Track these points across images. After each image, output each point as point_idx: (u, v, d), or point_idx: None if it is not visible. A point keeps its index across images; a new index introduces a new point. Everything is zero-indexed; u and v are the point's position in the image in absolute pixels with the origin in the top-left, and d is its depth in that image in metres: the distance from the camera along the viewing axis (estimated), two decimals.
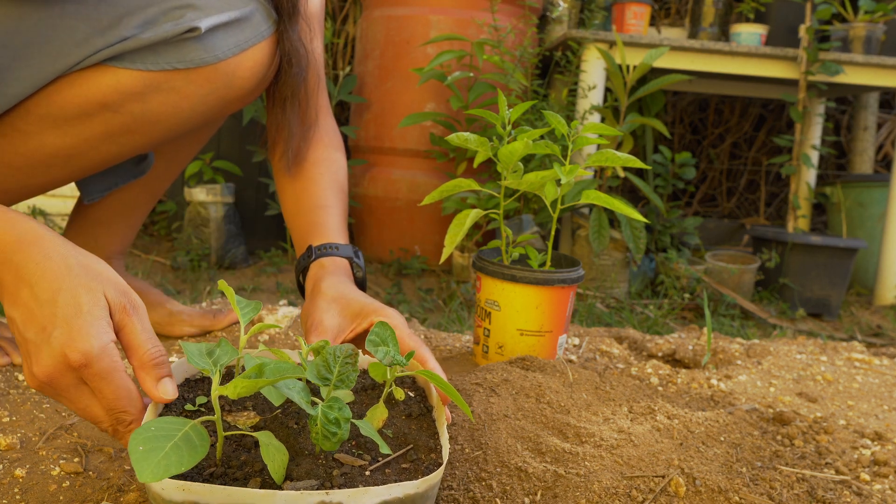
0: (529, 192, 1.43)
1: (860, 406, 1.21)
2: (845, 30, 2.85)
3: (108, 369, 0.67)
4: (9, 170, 1.00)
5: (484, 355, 1.24)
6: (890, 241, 2.85)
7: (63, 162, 1.01)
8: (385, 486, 0.61)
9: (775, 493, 0.83)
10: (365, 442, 0.72)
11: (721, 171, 4.22)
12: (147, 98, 0.97)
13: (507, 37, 2.75)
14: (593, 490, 0.78)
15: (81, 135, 0.98)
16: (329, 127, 1.20)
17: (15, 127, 0.97)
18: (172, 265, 2.63)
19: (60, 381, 0.67)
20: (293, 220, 1.15)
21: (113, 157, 1.04)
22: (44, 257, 0.70)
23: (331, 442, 0.64)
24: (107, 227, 1.29)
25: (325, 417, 0.65)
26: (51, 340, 0.66)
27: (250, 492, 0.58)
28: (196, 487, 0.59)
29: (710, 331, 1.44)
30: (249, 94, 1.05)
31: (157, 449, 0.57)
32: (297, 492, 0.59)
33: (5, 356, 1.13)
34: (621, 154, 1.15)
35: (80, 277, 0.69)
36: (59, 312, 0.67)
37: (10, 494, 0.76)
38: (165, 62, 0.95)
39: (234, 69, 1.00)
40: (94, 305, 0.68)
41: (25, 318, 0.68)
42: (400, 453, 0.71)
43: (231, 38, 0.99)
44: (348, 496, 0.59)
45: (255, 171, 2.90)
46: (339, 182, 1.17)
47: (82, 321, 0.67)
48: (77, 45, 0.92)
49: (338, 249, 1.07)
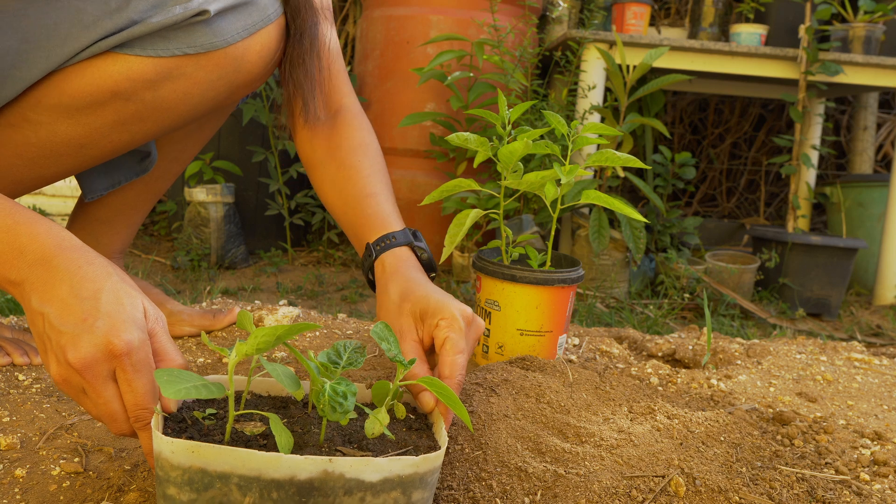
0: (529, 192, 1.43)
1: (860, 406, 1.21)
2: (845, 30, 2.85)
3: (145, 362, 0.70)
4: (20, 160, 1.00)
5: (484, 355, 1.24)
6: (890, 241, 2.85)
7: (75, 151, 1.01)
8: (387, 460, 0.63)
9: (775, 493, 0.83)
10: (367, 444, 0.73)
11: (721, 171, 4.22)
12: (158, 85, 0.97)
13: (507, 37, 2.75)
14: (593, 490, 0.78)
15: (93, 124, 0.98)
16: (355, 109, 1.18)
17: (26, 118, 0.97)
18: (172, 265, 2.64)
19: (95, 369, 0.69)
20: (341, 214, 1.13)
21: (124, 146, 1.04)
22: (86, 262, 0.73)
23: (337, 413, 0.67)
24: (109, 225, 1.30)
25: (334, 391, 0.68)
26: (94, 329, 0.69)
27: (257, 454, 0.60)
28: (205, 449, 0.61)
29: (710, 331, 1.44)
30: (257, 78, 1.05)
31: (180, 381, 0.64)
32: (302, 457, 0.61)
33: (6, 356, 1.13)
34: (621, 154, 1.15)
35: (120, 283, 0.73)
36: (101, 307, 0.70)
37: (10, 494, 0.76)
38: (176, 48, 0.95)
39: (242, 53, 1.00)
40: (133, 308, 0.72)
41: (62, 311, 0.70)
42: (400, 451, 0.71)
43: (239, 21, 0.98)
44: (350, 465, 0.62)
45: (255, 171, 2.90)
46: (381, 165, 1.14)
47: (126, 315, 0.70)
48: (86, 28, 0.92)
49: (395, 239, 1.05)
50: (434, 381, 0.74)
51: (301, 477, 0.61)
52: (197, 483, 0.62)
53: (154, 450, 0.64)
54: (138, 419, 0.70)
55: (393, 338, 0.78)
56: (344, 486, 0.62)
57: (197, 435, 0.69)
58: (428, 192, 2.37)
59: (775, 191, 4.18)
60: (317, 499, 0.62)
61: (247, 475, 0.61)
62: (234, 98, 1.07)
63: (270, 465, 0.61)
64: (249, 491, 0.61)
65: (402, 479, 0.64)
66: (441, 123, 2.76)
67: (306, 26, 1.05)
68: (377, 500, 0.64)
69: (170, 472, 0.62)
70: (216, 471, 0.61)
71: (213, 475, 0.61)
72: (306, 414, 0.78)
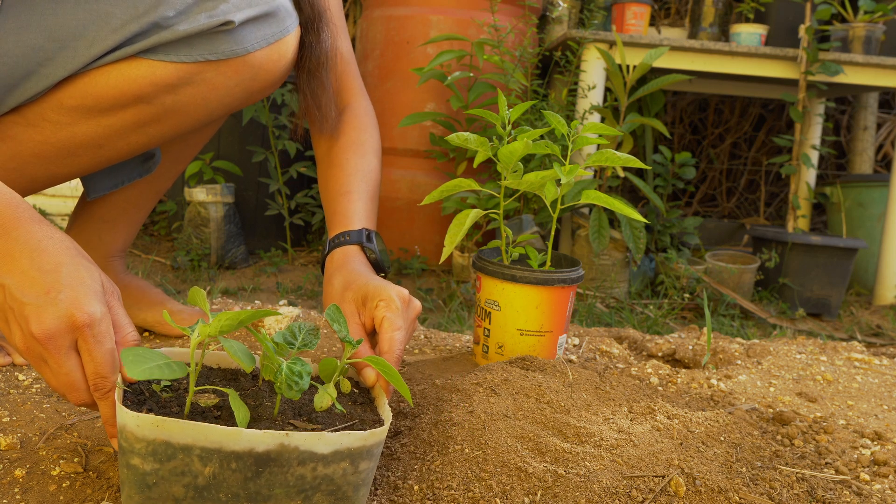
0: (529, 192, 1.43)
1: (860, 406, 1.21)
2: (845, 30, 2.85)
3: (105, 333, 0.72)
4: (37, 159, 1.01)
5: (484, 355, 1.24)
6: (890, 241, 2.85)
7: (92, 152, 1.03)
8: (338, 434, 0.69)
9: (775, 493, 0.83)
10: (317, 417, 0.78)
11: (721, 171, 4.22)
12: (179, 90, 0.99)
13: (507, 37, 2.75)
14: (593, 490, 0.78)
15: (113, 126, 1.00)
16: (361, 109, 1.22)
17: (45, 117, 0.98)
18: (172, 265, 2.64)
19: (57, 341, 0.71)
20: (325, 209, 1.18)
21: (140, 147, 1.06)
22: (46, 236, 0.74)
23: (293, 391, 0.72)
24: (111, 224, 1.30)
25: (290, 370, 0.73)
26: (57, 302, 0.70)
27: (218, 429, 0.65)
28: (169, 424, 0.65)
29: (710, 331, 1.44)
30: (272, 85, 1.08)
31: (144, 361, 0.69)
32: (262, 431, 0.66)
33: (6, 356, 1.13)
34: (621, 154, 1.15)
35: (80, 259, 0.75)
36: (63, 280, 0.72)
37: (10, 494, 0.76)
38: (199, 54, 0.97)
39: (261, 62, 1.02)
40: (93, 281, 0.74)
41: (24, 283, 0.71)
42: (347, 424, 0.76)
43: (259, 31, 1.01)
44: (305, 439, 0.67)
45: (255, 171, 2.90)
46: (368, 164, 1.18)
47: (87, 289, 0.72)
48: (113, 31, 0.94)
49: (348, 237, 1.09)
50: (377, 359, 0.80)
51: (259, 449, 0.66)
52: (160, 454, 0.65)
53: (118, 422, 0.67)
54: (98, 388, 0.73)
55: (343, 319, 0.84)
56: (298, 458, 0.67)
57: (156, 407, 0.73)
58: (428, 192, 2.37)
59: (775, 191, 4.18)
60: (272, 469, 0.67)
61: (208, 447, 0.65)
62: (247, 103, 1.11)
63: (231, 439, 0.65)
64: (210, 462, 0.66)
65: (352, 451, 0.70)
66: (441, 123, 2.76)
67: (321, 41, 1.09)
68: (328, 469, 0.69)
69: (134, 444, 0.66)
70: (179, 443, 0.65)
71: (177, 447, 0.65)
72: (256, 386, 0.82)
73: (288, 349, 0.78)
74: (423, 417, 0.94)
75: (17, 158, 1.00)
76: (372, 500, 0.79)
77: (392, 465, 0.86)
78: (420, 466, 0.84)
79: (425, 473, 0.82)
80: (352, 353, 0.84)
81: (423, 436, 0.89)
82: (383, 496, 0.80)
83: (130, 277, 1.34)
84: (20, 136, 0.99)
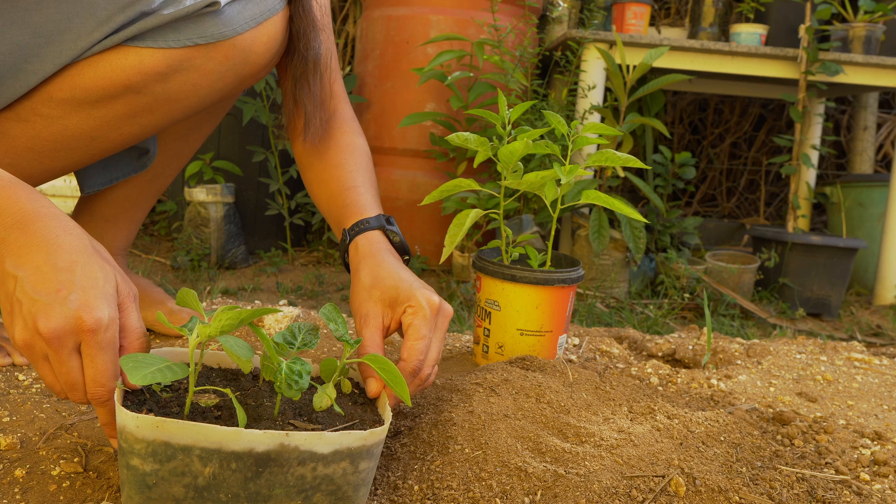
0: (529, 192, 1.43)
1: (860, 406, 1.21)
2: (845, 30, 2.85)
3: (110, 341, 0.71)
4: (31, 154, 1.01)
5: (484, 355, 1.24)
6: (890, 241, 2.85)
7: (85, 144, 1.02)
8: (338, 434, 0.69)
9: (775, 493, 0.83)
10: (317, 417, 0.77)
11: (721, 171, 4.22)
12: (169, 77, 0.98)
13: (507, 37, 2.75)
14: (593, 490, 0.78)
15: (105, 117, 0.99)
16: (347, 115, 1.21)
17: (37, 112, 0.97)
18: (172, 265, 2.64)
19: (62, 340, 0.70)
20: (325, 207, 1.15)
21: (134, 138, 1.05)
22: (64, 231, 0.74)
23: (293, 390, 0.72)
24: (112, 222, 1.30)
25: (290, 369, 0.73)
26: (67, 302, 0.70)
27: (218, 429, 0.65)
28: (168, 424, 0.65)
29: (710, 330, 1.44)
30: (263, 69, 1.06)
31: (145, 366, 0.68)
32: (261, 431, 0.66)
33: (6, 356, 1.13)
34: (621, 154, 1.15)
35: (96, 257, 0.74)
36: (76, 280, 0.71)
37: (10, 494, 0.76)
38: (186, 38, 0.96)
39: (250, 44, 1.01)
40: (107, 283, 0.73)
41: (36, 279, 0.71)
42: (347, 424, 0.76)
43: (246, 11, 1.00)
44: (305, 439, 0.67)
45: (255, 171, 2.90)
46: (365, 164, 1.17)
47: (98, 292, 0.71)
48: (99, 23, 0.93)
49: (368, 224, 1.07)
50: (377, 357, 0.79)
51: (259, 449, 0.66)
52: (160, 455, 0.66)
53: (118, 423, 0.67)
54: (94, 396, 0.72)
55: (340, 319, 0.84)
56: (298, 458, 0.68)
57: (156, 407, 0.73)
58: (428, 192, 2.37)
59: (775, 191, 4.18)
60: (272, 468, 0.67)
61: (208, 447, 0.65)
62: (240, 89, 1.09)
63: (231, 439, 0.65)
64: (210, 462, 0.66)
65: (352, 451, 0.70)
66: (441, 123, 2.76)
67: (310, 47, 1.08)
68: (328, 469, 0.69)
69: (134, 445, 0.66)
70: (179, 444, 0.65)
71: (176, 447, 0.65)
72: (256, 386, 0.82)
73: (288, 349, 0.78)
74: (423, 417, 0.94)
75: (11, 154, 1.00)
76: (372, 500, 0.79)
77: (392, 465, 0.86)
78: (420, 466, 0.84)
79: (425, 473, 0.82)
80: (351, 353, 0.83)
81: (423, 436, 0.89)
82: (383, 496, 0.80)
83: (132, 276, 1.34)
84: (12, 131, 0.98)
